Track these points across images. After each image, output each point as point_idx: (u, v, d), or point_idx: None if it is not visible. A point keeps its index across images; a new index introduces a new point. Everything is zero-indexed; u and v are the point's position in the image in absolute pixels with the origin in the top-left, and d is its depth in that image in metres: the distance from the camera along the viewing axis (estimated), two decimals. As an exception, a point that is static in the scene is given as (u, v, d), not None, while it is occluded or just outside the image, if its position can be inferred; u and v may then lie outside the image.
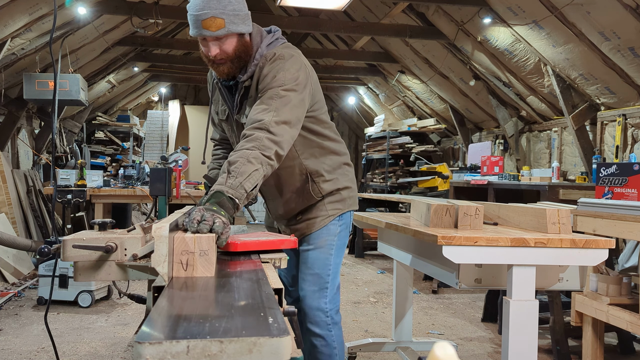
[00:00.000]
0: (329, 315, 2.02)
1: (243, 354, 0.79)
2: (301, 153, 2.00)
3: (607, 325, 2.92)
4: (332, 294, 2.04)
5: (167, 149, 10.99)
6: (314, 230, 2.06)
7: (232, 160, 1.61)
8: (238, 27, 1.80)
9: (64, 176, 5.29)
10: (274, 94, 1.76)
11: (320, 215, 2.05)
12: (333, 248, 2.06)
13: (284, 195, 2.08)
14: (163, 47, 7.94)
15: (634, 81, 4.73)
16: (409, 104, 9.30)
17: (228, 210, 1.51)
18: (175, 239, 1.26)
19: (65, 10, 5.06)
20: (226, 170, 1.59)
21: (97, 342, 3.49)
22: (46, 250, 1.54)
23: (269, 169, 1.67)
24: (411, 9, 6.50)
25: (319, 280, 2.02)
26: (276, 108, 1.74)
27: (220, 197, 1.52)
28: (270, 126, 1.70)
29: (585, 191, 4.63)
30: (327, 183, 2.04)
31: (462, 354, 3.46)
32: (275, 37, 1.94)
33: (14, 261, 5.15)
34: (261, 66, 1.86)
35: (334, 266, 2.06)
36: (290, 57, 1.86)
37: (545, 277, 2.13)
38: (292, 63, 1.84)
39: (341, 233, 2.09)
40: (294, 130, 1.79)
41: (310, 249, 2.05)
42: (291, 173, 2.02)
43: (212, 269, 1.27)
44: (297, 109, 1.80)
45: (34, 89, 5.73)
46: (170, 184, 2.50)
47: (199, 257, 1.26)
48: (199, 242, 1.27)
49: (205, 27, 1.76)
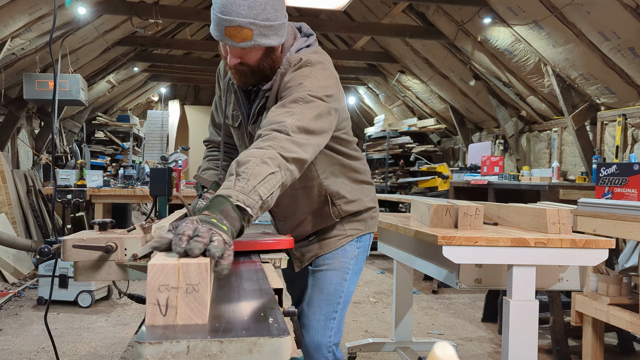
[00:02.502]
0: (331, 351, 1.76)
1: (243, 354, 0.79)
2: (321, 172, 1.74)
3: (607, 325, 2.92)
4: (338, 325, 1.78)
5: (167, 149, 10.99)
6: (328, 252, 1.81)
7: (242, 160, 1.26)
8: (268, 39, 1.49)
9: (64, 176, 5.29)
10: (299, 97, 1.47)
11: (337, 235, 1.81)
12: (349, 273, 1.80)
13: (298, 217, 1.82)
14: (163, 47, 7.94)
15: (634, 81, 4.73)
16: (409, 104, 9.30)
17: (233, 222, 1.13)
18: (150, 266, 0.87)
19: (65, 10, 5.06)
20: (234, 172, 1.24)
21: (97, 342, 3.49)
22: (46, 250, 1.54)
23: (289, 176, 1.33)
24: (411, 9, 6.50)
25: (327, 307, 1.77)
26: (300, 112, 1.43)
27: (224, 204, 1.14)
28: (292, 130, 1.38)
29: (585, 191, 4.63)
30: (349, 205, 1.81)
31: (462, 354, 3.46)
32: (308, 42, 1.67)
33: (14, 261, 5.15)
34: (283, 72, 1.58)
35: (346, 293, 1.80)
36: (318, 63, 1.58)
37: (545, 277, 2.13)
38: (321, 69, 1.57)
39: (358, 257, 1.84)
40: (319, 139, 1.48)
41: (322, 269, 1.80)
42: (309, 194, 1.77)
43: (205, 312, 0.87)
44: (323, 119, 1.49)
45: (34, 89, 5.73)
46: (170, 184, 2.50)
47: (185, 294, 0.87)
48: (185, 272, 0.87)
49: (229, 36, 1.46)
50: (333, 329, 1.77)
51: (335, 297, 1.78)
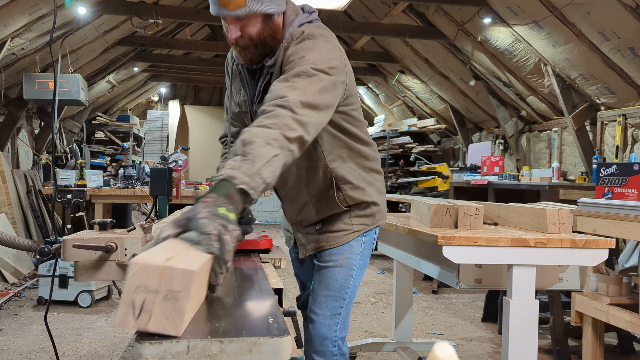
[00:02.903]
0: (337, 345, 1.78)
1: (243, 354, 0.79)
2: (328, 154, 1.71)
3: (607, 325, 2.92)
4: (344, 320, 1.80)
5: (167, 149, 10.99)
6: (333, 246, 1.79)
7: (248, 140, 1.24)
8: (263, 6, 1.50)
9: (64, 176, 5.29)
10: (302, 71, 1.44)
11: (344, 230, 1.79)
12: (354, 269, 1.80)
13: (303, 199, 1.80)
14: (163, 47, 7.94)
15: (634, 81, 4.73)
16: (409, 104, 9.30)
17: (236, 206, 1.12)
18: (132, 264, 0.82)
19: (65, 10, 5.06)
20: (240, 152, 1.22)
21: (97, 342, 3.49)
22: (46, 250, 1.54)
23: (289, 156, 1.32)
24: (411, 9, 6.50)
25: (333, 303, 1.78)
26: (303, 87, 1.41)
27: (229, 189, 1.13)
28: (295, 106, 1.35)
29: (585, 191, 4.63)
30: (355, 191, 1.77)
31: (462, 354, 3.46)
32: (310, 18, 1.67)
33: (14, 261, 5.15)
34: (286, 46, 1.57)
35: (351, 289, 1.81)
36: (321, 36, 1.57)
37: (545, 277, 2.13)
38: (324, 42, 1.55)
39: (364, 252, 1.83)
40: (322, 116, 1.45)
41: (329, 265, 1.79)
42: (314, 175, 1.75)
43: (180, 323, 0.79)
44: (328, 93, 1.46)
45: (34, 89, 5.73)
46: (170, 184, 2.50)
47: (163, 301, 0.80)
48: (169, 276, 0.80)
49: (223, 5, 1.46)
50: (339, 323, 1.78)
51: (341, 293, 1.78)
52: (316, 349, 1.77)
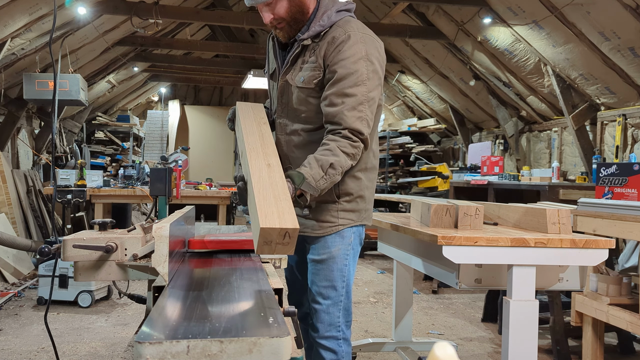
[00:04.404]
0: (341, 330, 1.90)
1: (243, 354, 0.79)
2: None
3: (607, 325, 2.92)
4: (345, 307, 1.92)
5: (167, 149, 10.99)
6: (319, 235, 1.89)
7: (336, 164, 1.70)
8: None
9: (64, 176, 5.29)
10: (364, 99, 1.75)
11: (330, 222, 1.89)
12: (347, 258, 1.91)
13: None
14: (163, 47, 7.94)
15: (634, 81, 4.73)
16: (409, 104, 9.30)
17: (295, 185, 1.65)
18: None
19: (65, 10, 5.06)
20: (327, 164, 1.69)
21: (97, 342, 3.49)
22: (46, 250, 1.54)
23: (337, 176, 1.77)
24: (411, 9, 6.50)
25: (332, 293, 1.89)
26: (368, 118, 1.77)
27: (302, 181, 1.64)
28: (366, 142, 1.78)
29: (585, 191, 4.63)
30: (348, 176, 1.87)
31: (462, 354, 3.46)
32: (348, 6, 1.87)
33: (14, 261, 5.15)
34: (327, 31, 1.80)
35: (347, 277, 1.92)
36: (373, 61, 1.78)
37: (545, 277, 2.13)
38: (373, 72, 1.77)
39: (355, 240, 1.94)
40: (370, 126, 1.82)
41: (323, 258, 1.90)
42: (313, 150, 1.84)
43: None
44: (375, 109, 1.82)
45: (34, 89, 5.73)
46: (170, 184, 2.50)
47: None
48: None
49: None
50: (341, 310, 1.91)
51: (339, 282, 1.90)
52: (322, 334, 1.89)
